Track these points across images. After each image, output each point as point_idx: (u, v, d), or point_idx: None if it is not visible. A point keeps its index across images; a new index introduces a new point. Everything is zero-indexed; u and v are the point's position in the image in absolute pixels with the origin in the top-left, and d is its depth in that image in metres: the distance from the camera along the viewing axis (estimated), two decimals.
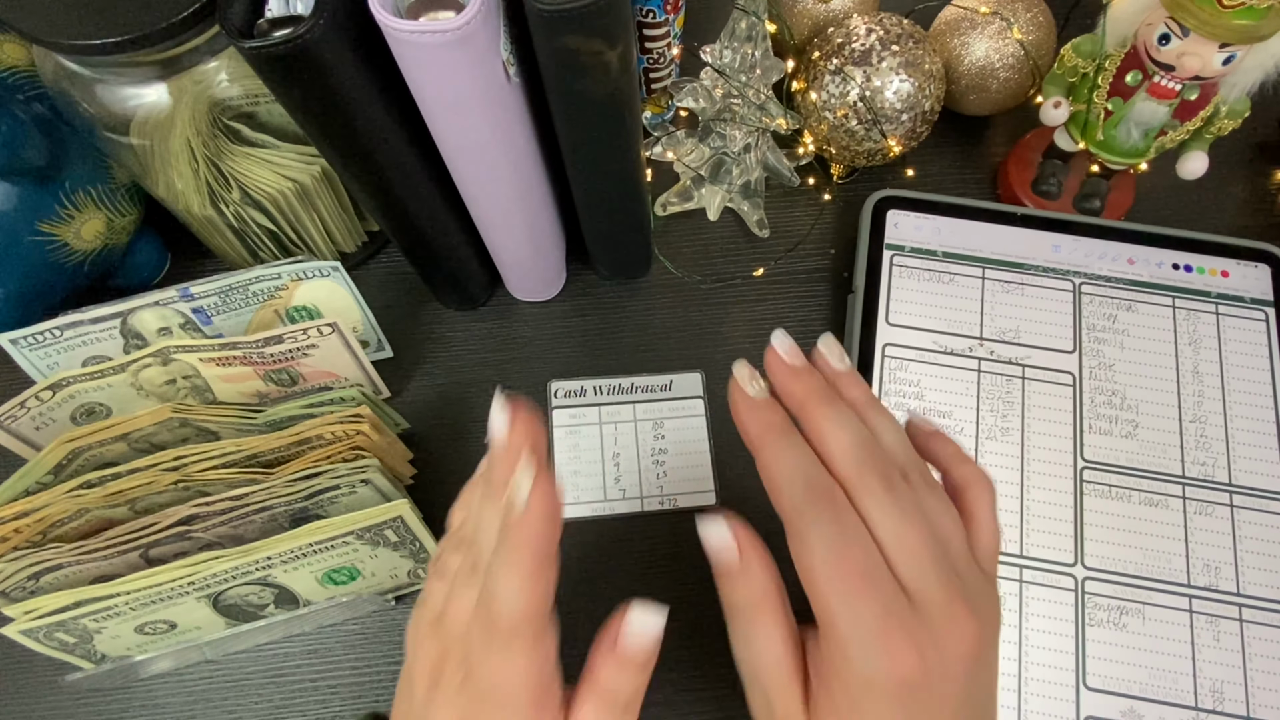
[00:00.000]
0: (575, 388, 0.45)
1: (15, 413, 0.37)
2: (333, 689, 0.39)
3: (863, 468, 0.24)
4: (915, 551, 0.23)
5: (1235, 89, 0.38)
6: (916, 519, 0.23)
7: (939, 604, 0.22)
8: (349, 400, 0.38)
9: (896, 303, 0.44)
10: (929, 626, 0.22)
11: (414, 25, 0.27)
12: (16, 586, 0.34)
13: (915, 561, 0.22)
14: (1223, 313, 0.43)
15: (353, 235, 0.47)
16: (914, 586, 0.22)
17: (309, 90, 0.30)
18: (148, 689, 0.39)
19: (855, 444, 0.24)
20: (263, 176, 0.40)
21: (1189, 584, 0.38)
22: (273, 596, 0.37)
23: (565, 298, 0.48)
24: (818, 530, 0.23)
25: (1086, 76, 0.42)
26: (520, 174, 0.37)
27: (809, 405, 0.25)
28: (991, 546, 0.25)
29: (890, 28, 0.45)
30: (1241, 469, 0.40)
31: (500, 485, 0.25)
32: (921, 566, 0.22)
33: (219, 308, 0.40)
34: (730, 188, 0.48)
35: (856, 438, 0.24)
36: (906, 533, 0.23)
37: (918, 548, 0.23)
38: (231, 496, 0.34)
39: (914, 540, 0.23)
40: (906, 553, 0.23)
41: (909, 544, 0.23)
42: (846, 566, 0.22)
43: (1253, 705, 0.36)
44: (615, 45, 0.29)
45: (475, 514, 0.26)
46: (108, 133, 0.37)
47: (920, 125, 0.46)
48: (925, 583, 0.22)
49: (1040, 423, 0.41)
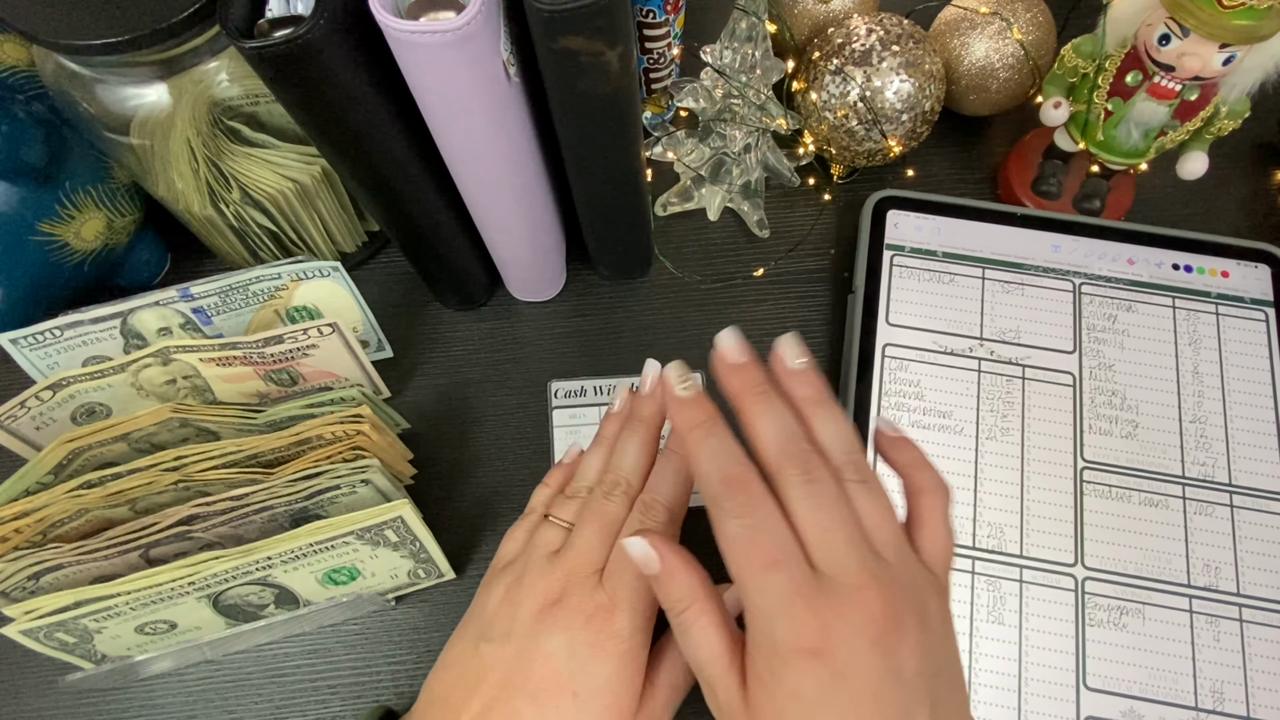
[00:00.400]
0: (575, 388, 0.45)
1: (15, 413, 0.37)
2: (333, 689, 0.39)
3: (783, 458, 0.26)
4: (826, 534, 0.25)
5: (1235, 89, 0.38)
6: (831, 506, 0.25)
7: (846, 582, 0.24)
8: (349, 400, 0.38)
9: (896, 303, 0.44)
10: (833, 601, 0.24)
11: (414, 25, 0.27)
12: (16, 586, 0.34)
13: (825, 544, 0.25)
14: (1223, 313, 0.43)
15: (353, 235, 0.47)
16: (823, 566, 0.24)
17: (309, 90, 0.30)
18: (148, 689, 0.39)
19: (779, 435, 0.26)
20: (263, 176, 0.40)
21: (1189, 584, 0.38)
22: (273, 596, 0.37)
23: (565, 298, 0.48)
24: (729, 518, 0.25)
25: (1086, 77, 0.42)
26: (520, 174, 0.37)
27: (743, 398, 0.27)
28: (940, 548, 0.27)
29: (890, 28, 0.45)
30: (1241, 469, 0.40)
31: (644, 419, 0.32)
32: (832, 548, 0.24)
33: (219, 308, 0.40)
34: (730, 188, 0.48)
35: (781, 429, 0.26)
36: (819, 518, 0.25)
37: (829, 531, 0.25)
38: (232, 496, 0.34)
39: (826, 524, 0.25)
40: (818, 536, 0.25)
41: (820, 527, 0.25)
42: (755, 549, 0.24)
43: (1253, 705, 0.36)
44: (615, 45, 0.29)
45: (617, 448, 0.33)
46: (108, 133, 0.37)
47: (920, 125, 0.46)
48: (834, 563, 0.24)
49: (1040, 423, 0.41)
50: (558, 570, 0.30)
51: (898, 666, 0.24)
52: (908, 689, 0.24)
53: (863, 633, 0.23)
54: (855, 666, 0.23)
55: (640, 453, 0.33)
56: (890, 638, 0.24)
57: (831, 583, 0.24)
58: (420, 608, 0.41)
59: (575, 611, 0.29)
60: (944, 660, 0.25)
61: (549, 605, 0.29)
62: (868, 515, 0.26)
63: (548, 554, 0.31)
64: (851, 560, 0.24)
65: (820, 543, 0.25)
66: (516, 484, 0.43)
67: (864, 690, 0.23)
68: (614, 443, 0.33)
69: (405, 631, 0.40)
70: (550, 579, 0.30)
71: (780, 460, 0.26)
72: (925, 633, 0.24)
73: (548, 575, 0.30)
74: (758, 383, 0.27)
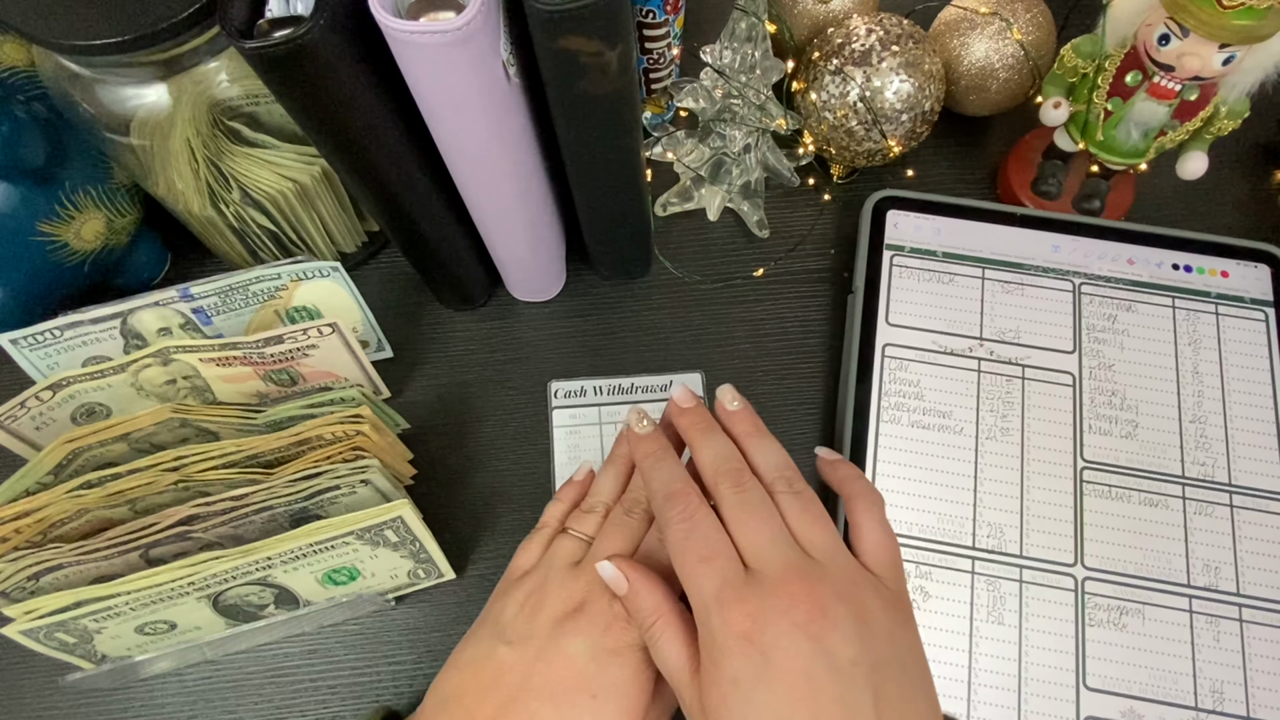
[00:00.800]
0: (575, 388, 0.45)
1: (15, 413, 0.37)
2: (333, 689, 0.39)
3: (718, 475, 0.30)
4: (755, 535, 0.28)
5: (1235, 89, 0.38)
6: (759, 511, 0.29)
7: (771, 575, 0.27)
8: (349, 400, 0.38)
9: (896, 303, 0.44)
10: (760, 591, 0.26)
11: (414, 25, 0.27)
12: (16, 586, 0.34)
13: (754, 543, 0.28)
14: (1222, 313, 0.43)
15: (353, 235, 0.47)
16: (753, 563, 0.27)
17: (309, 90, 0.30)
18: (148, 689, 0.39)
19: (715, 458, 0.30)
20: (263, 176, 0.40)
21: (1189, 584, 0.38)
22: (273, 596, 0.37)
23: (565, 298, 0.48)
24: (672, 525, 0.29)
25: (1086, 77, 0.42)
26: (520, 174, 0.37)
27: (690, 432, 0.32)
28: (879, 550, 0.29)
29: (890, 28, 0.45)
30: (1241, 469, 0.40)
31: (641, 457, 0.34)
32: (759, 546, 0.28)
33: (219, 308, 0.40)
34: (730, 188, 0.48)
35: (717, 453, 0.31)
36: (747, 520, 0.28)
37: (757, 532, 0.28)
38: (232, 497, 0.34)
39: (754, 525, 0.28)
40: (747, 537, 0.28)
41: (749, 528, 0.28)
42: (692, 547, 0.28)
43: (1253, 705, 0.36)
44: (615, 45, 0.29)
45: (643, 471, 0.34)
46: (108, 133, 0.37)
47: (920, 125, 0.46)
48: (761, 559, 0.27)
49: (1040, 423, 0.41)
50: (579, 580, 0.31)
51: (828, 652, 0.25)
52: (843, 676, 0.25)
53: (787, 616, 0.26)
54: (781, 648, 0.25)
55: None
56: (816, 624, 0.25)
57: (759, 576, 0.27)
58: (420, 608, 0.41)
59: (596, 619, 0.30)
60: (890, 654, 0.26)
61: (571, 612, 0.30)
62: (797, 521, 0.29)
63: (568, 565, 0.32)
64: (777, 556, 0.27)
65: (750, 543, 0.28)
66: (516, 484, 0.43)
67: (794, 671, 0.25)
68: (628, 462, 0.35)
69: (405, 631, 0.40)
70: (572, 588, 0.31)
71: (715, 477, 0.30)
72: (862, 625, 0.26)
73: (570, 585, 0.31)
74: (701, 419, 0.32)
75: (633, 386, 0.45)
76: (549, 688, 0.29)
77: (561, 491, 0.37)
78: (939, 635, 0.37)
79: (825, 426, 0.44)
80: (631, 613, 0.30)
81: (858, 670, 0.25)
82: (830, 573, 0.27)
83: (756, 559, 0.27)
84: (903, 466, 0.40)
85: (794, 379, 0.45)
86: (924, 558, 0.39)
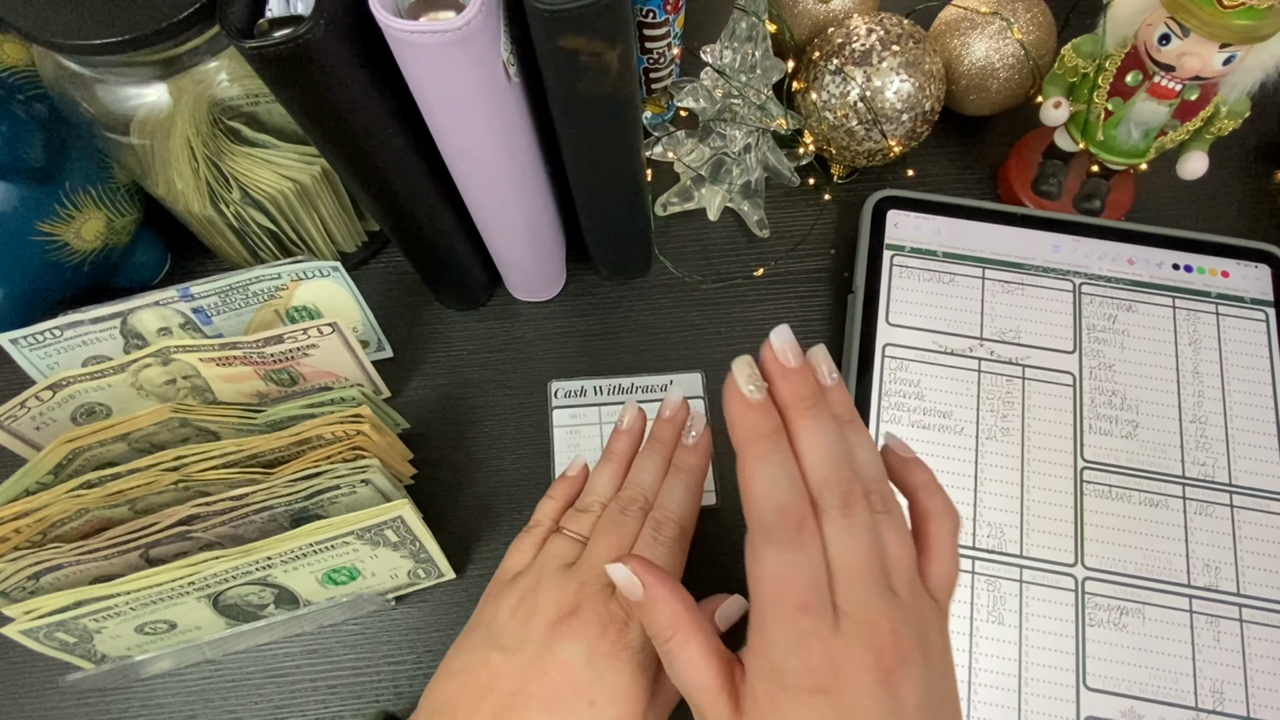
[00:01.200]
0: (575, 388, 0.45)
1: (15, 413, 0.37)
2: (333, 689, 0.39)
3: (825, 486, 0.25)
4: (853, 572, 0.25)
5: (1235, 89, 0.38)
6: (864, 540, 0.25)
7: (861, 621, 0.24)
8: (349, 400, 0.38)
9: (896, 303, 0.44)
10: (846, 642, 0.24)
11: (414, 25, 0.27)
12: (16, 586, 0.34)
13: (850, 581, 0.24)
14: (1223, 313, 0.43)
15: (353, 235, 0.47)
16: (844, 605, 0.24)
17: (309, 90, 0.30)
18: (148, 689, 0.39)
19: (827, 460, 0.25)
20: (263, 176, 0.40)
21: (1189, 584, 0.38)
22: (273, 596, 0.37)
23: (565, 298, 0.48)
24: (773, 551, 0.25)
25: (1086, 76, 0.42)
26: (520, 174, 0.37)
27: (795, 409, 0.26)
28: (945, 575, 0.27)
29: (890, 28, 0.45)
30: (1241, 469, 0.40)
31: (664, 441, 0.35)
32: (854, 587, 0.24)
33: (219, 308, 0.40)
34: (730, 188, 0.48)
35: (829, 454, 0.25)
36: (851, 554, 0.25)
37: (857, 568, 0.25)
38: (232, 496, 0.34)
39: (855, 561, 0.25)
40: (845, 572, 0.25)
41: (850, 564, 0.25)
42: (791, 589, 0.24)
43: (1253, 705, 0.36)
44: (615, 45, 0.29)
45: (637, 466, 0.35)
46: (108, 133, 0.37)
47: (920, 125, 0.46)
48: (854, 602, 0.24)
49: (1040, 423, 0.41)
50: (573, 582, 0.31)
51: (900, 704, 0.24)
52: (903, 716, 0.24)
53: (871, 671, 0.23)
54: (860, 706, 0.23)
55: (659, 471, 0.34)
56: (895, 674, 0.24)
57: (847, 620, 0.24)
58: (420, 608, 0.41)
59: (591, 622, 0.29)
60: (944, 690, 0.25)
61: (564, 615, 0.30)
62: (890, 547, 0.26)
63: (561, 566, 0.31)
64: (872, 599, 0.24)
65: (846, 580, 0.25)
66: (516, 484, 0.43)
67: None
68: (624, 459, 0.35)
69: (405, 631, 0.40)
70: (565, 590, 0.30)
71: (822, 488, 0.25)
72: (928, 667, 0.25)
73: (563, 587, 0.30)
74: (810, 394, 0.26)
75: (633, 386, 0.45)
76: (545, 695, 0.28)
77: (554, 488, 0.36)
78: None
79: None
80: (646, 622, 0.28)
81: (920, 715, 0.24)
82: (908, 611, 0.25)
83: (849, 601, 0.24)
84: None
85: None
86: None
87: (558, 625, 0.29)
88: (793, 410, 0.26)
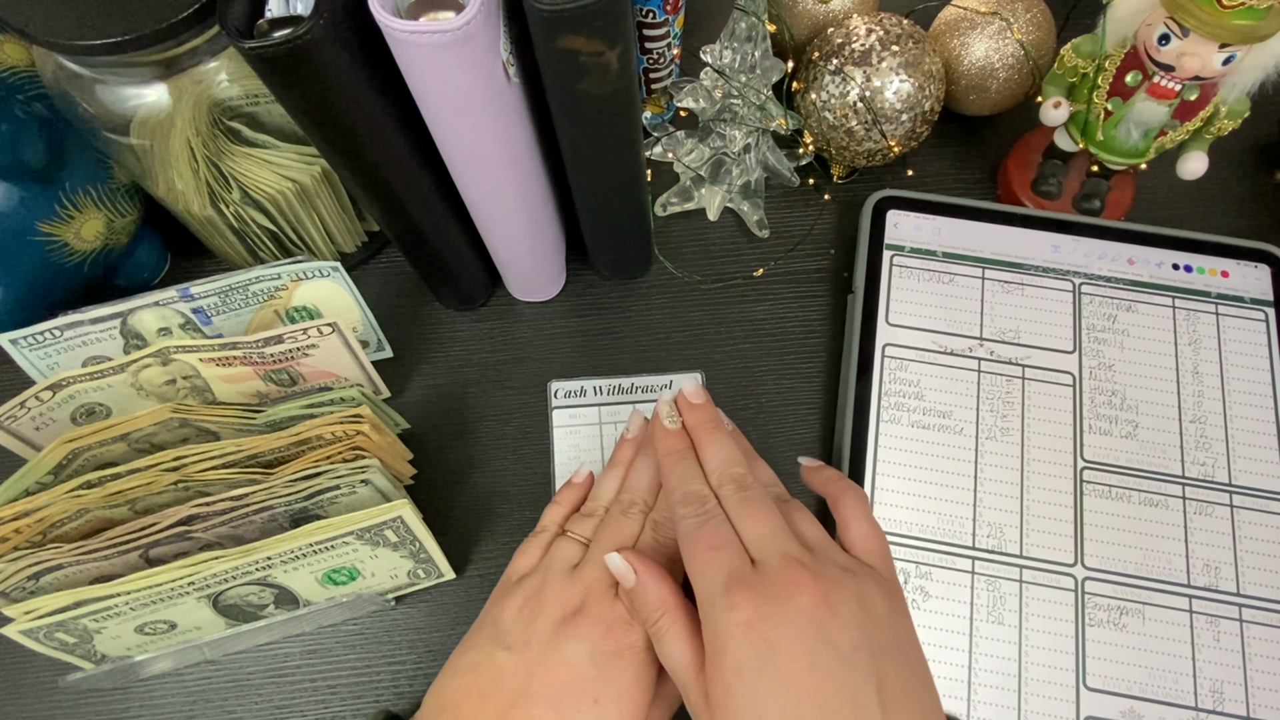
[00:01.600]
0: (575, 388, 0.45)
1: (15, 413, 0.37)
2: (333, 689, 0.39)
3: (725, 478, 0.31)
4: (758, 531, 0.29)
5: (1235, 89, 0.38)
6: (760, 509, 0.30)
7: (775, 567, 0.27)
8: (349, 400, 0.38)
9: (896, 303, 0.44)
10: (765, 580, 0.27)
11: (414, 25, 0.27)
12: (16, 586, 0.34)
13: (756, 535, 0.29)
14: (1223, 313, 0.43)
15: (353, 235, 0.47)
16: (758, 556, 0.28)
17: (309, 90, 0.30)
18: (148, 689, 0.39)
19: (725, 460, 0.32)
20: (263, 176, 0.40)
21: (1189, 584, 0.38)
22: (273, 596, 0.37)
23: (565, 298, 0.48)
24: (686, 519, 0.30)
25: (1086, 76, 0.42)
26: (520, 174, 0.37)
27: (699, 430, 0.33)
28: (868, 539, 0.30)
29: (890, 28, 0.45)
30: (1241, 469, 0.40)
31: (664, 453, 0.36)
32: (761, 538, 0.29)
33: (219, 308, 0.40)
34: (730, 188, 0.48)
35: (727, 456, 0.32)
36: (751, 517, 0.29)
37: (760, 528, 0.29)
38: (231, 496, 0.34)
39: (756, 523, 0.29)
40: (752, 532, 0.29)
41: (753, 526, 0.29)
42: (702, 537, 0.29)
43: (1253, 705, 0.36)
44: (615, 45, 0.29)
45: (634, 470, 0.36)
46: (108, 133, 0.37)
47: (920, 125, 0.46)
48: (765, 553, 0.28)
49: (1040, 423, 0.41)
50: (578, 583, 0.31)
51: (831, 639, 0.26)
52: (847, 663, 0.25)
53: (790, 603, 0.26)
54: (785, 634, 0.26)
55: (654, 476, 0.35)
56: (819, 610, 0.26)
57: (762, 566, 0.28)
58: (420, 608, 0.41)
59: (595, 622, 0.30)
60: (890, 642, 0.27)
61: (570, 615, 0.30)
62: (799, 525, 0.30)
63: (567, 568, 0.32)
64: (779, 547, 0.28)
65: (753, 535, 0.29)
66: (516, 484, 0.43)
67: (798, 657, 0.25)
68: (629, 466, 0.36)
69: (405, 631, 0.40)
70: (571, 591, 0.31)
71: (721, 479, 0.31)
72: (862, 612, 0.27)
73: (568, 588, 0.31)
74: (711, 420, 0.33)
75: (632, 386, 0.45)
76: (550, 693, 0.29)
77: (560, 495, 0.37)
78: (939, 635, 0.37)
79: (825, 426, 0.44)
80: (637, 606, 0.30)
81: (860, 656, 0.25)
82: (827, 564, 0.28)
83: (760, 551, 0.28)
84: (903, 466, 0.40)
85: (794, 379, 0.45)
86: (924, 558, 0.39)
87: (563, 625, 0.30)
88: (698, 431, 0.33)
